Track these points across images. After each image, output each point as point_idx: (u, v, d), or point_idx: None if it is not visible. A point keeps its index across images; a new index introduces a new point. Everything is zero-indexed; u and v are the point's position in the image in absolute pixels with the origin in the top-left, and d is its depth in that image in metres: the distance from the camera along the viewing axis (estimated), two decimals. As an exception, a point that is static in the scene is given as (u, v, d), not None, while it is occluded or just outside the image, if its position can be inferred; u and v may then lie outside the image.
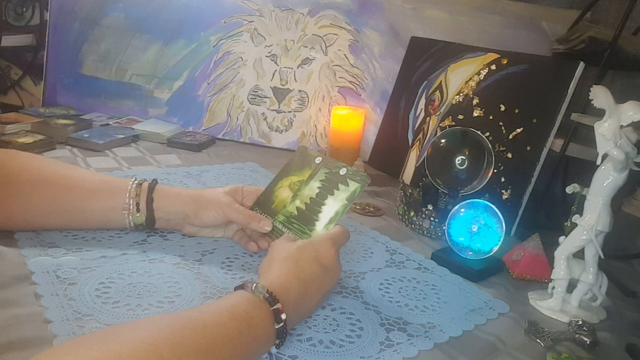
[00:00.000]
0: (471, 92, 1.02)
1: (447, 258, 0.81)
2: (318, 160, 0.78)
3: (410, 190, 0.96)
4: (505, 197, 0.96)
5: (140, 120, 1.36)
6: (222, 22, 1.38)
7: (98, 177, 0.77)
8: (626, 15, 0.90)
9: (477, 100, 1.00)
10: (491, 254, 0.80)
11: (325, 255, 0.63)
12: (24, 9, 1.41)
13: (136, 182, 0.75)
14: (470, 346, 0.62)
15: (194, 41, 1.38)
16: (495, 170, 0.91)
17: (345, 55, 1.35)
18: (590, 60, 0.95)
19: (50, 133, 1.16)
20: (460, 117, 1.00)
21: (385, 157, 1.28)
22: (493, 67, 1.02)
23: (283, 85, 1.36)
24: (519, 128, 0.96)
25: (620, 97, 0.67)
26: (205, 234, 0.80)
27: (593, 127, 0.67)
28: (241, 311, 0.51)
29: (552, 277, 0.73)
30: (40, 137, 1.12)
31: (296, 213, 0.75)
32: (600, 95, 0.66)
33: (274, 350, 0.55)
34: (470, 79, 1.04)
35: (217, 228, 0.79)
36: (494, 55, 1.04)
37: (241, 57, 1.37)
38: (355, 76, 1.36)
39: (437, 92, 1.09)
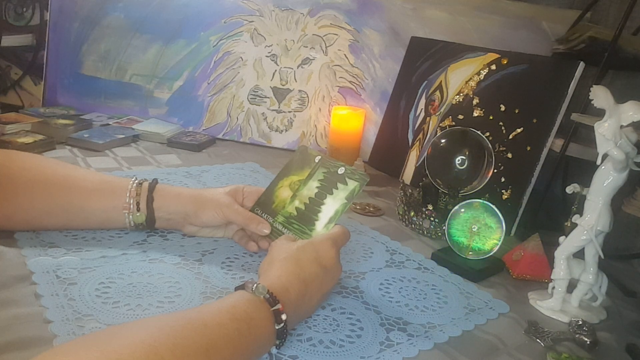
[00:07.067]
0: (471, 92, 1.02)
1: (447, 258, 0.81)
2: (317, 159, 0.78)
3: (410, 190, 0.96)
4: (505, 197, 0.96)
5: (140, 120, 1.36)
6: (222, 22, 1.38)
7: (98, 176, 0.77)
8: (626, 15, 0.90)
9: (477, 100, 1.00)
10: (491, 254, 0.80)
11: (325, 255, 0.63)
12: (24, 9, 1.41)
13: (136, 181, 0.75)
14: (470, 346, 0.62)
15: (194, 41, 1.38)
16: (495, 170, 0.91)
17: (345, 55, 1.35)
18: (590, 60, 0.95)
19: (50, 133, 1.16)
20: (460, 117, 1.00)
21: (385, 157, 1.28)
22: (493, 67, 1.02)
23: (283, 85, 1.36)
24: (519, 128, 0.96)
25: (620, 97, 0.67)
26: (205, 234, 0.80)
27: (593, 127, 0.67)
28: (241, 312, 0.51)
29: (552, 277, 0.73)
30: (40, 137, 1.12)
31: (295, 213, 0.75)
32: (600, 95, 0.66)
33: (274, 350, 0.55)
34: (470, 79, 1.04)
35: (217, 228, 0.79)
36: (494, 55, 1.04)
37: (241, 57, 1.37)
38: (355, 76, 1.36)
39: (437, 92, 1.10)
